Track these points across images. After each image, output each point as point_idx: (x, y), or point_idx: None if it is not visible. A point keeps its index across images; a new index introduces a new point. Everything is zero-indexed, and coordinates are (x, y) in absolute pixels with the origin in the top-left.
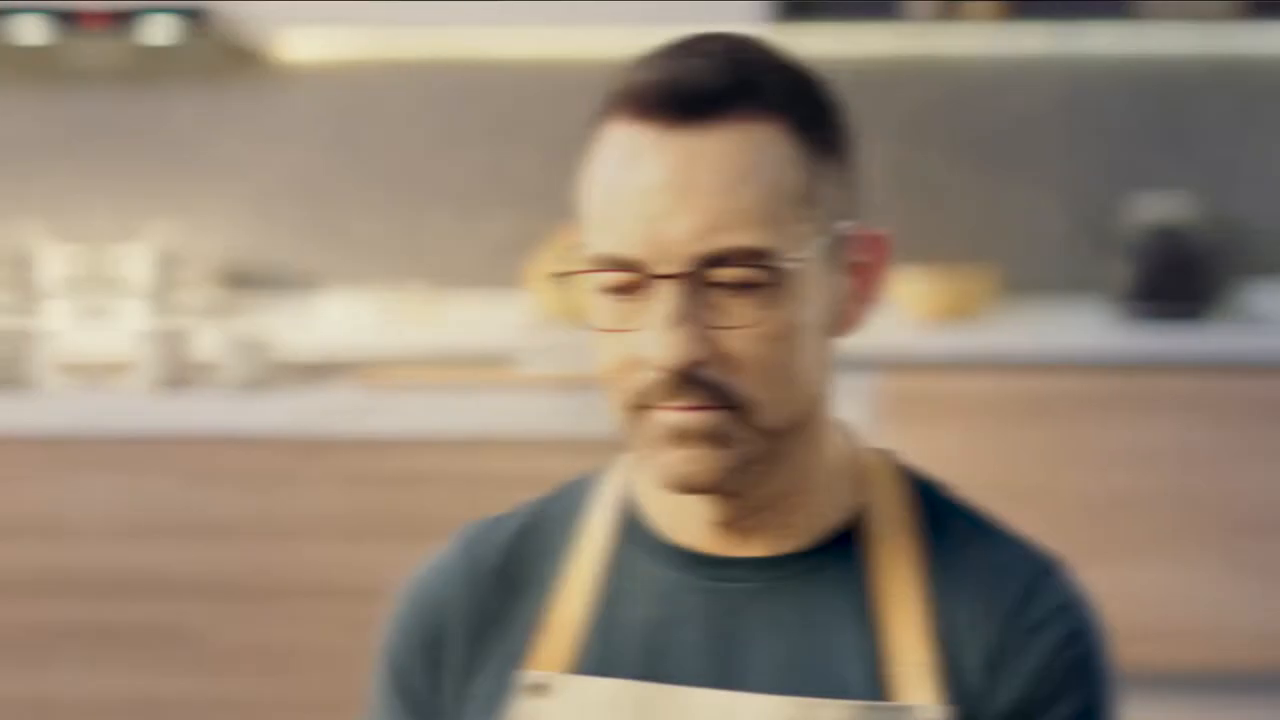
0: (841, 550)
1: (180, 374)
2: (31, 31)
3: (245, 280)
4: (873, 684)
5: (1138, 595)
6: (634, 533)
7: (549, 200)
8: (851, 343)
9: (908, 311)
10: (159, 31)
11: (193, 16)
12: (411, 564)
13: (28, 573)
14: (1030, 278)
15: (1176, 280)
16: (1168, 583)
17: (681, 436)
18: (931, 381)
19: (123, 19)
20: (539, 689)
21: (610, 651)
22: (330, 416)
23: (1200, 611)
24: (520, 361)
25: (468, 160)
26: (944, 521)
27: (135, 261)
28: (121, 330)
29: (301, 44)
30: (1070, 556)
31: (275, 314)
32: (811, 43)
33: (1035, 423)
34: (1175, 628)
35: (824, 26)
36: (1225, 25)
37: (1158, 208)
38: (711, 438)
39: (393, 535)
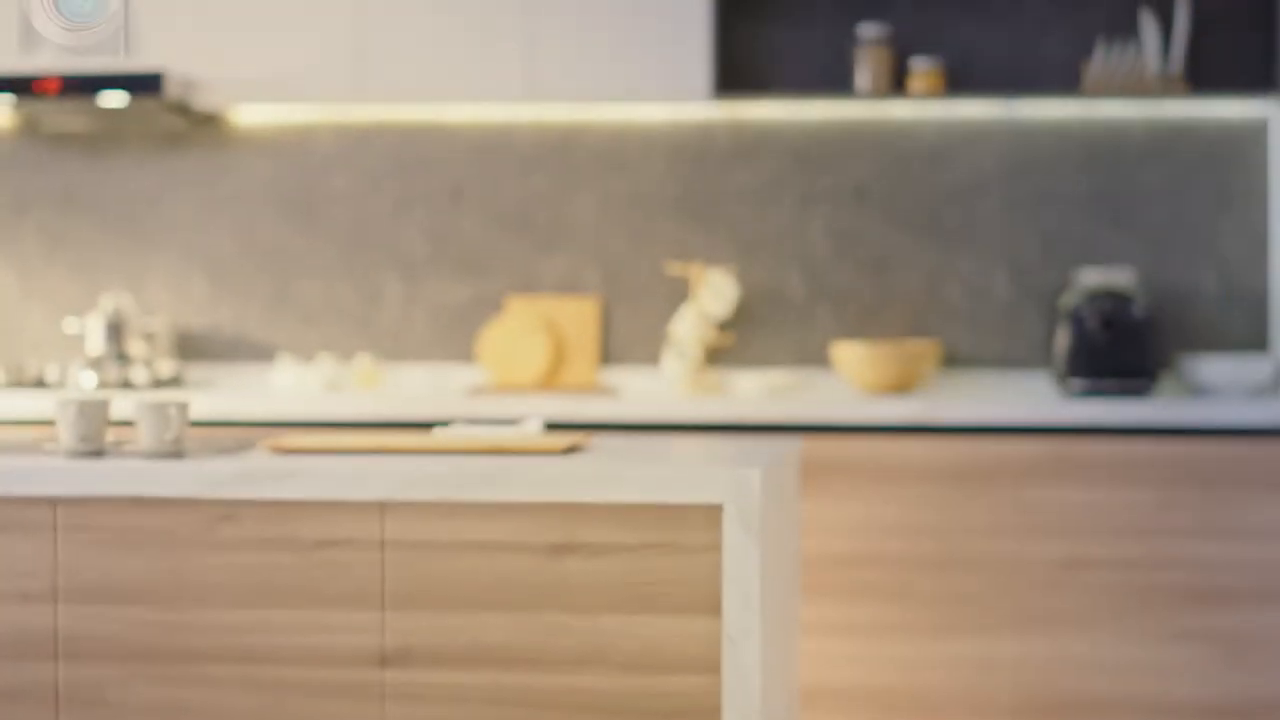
0: None
1: (97, 439)
2: None
3: (196, 347)
4: None
5: (1079, 664)
6: None
7: (498, 269)
8: (789, 409)
9: (850, 382)
10: (113, 97)
11: (146, 83)
12: (323, 628)
13: None
14: (973, 349)
15: (1118, 351)
16: (1110, 652)
17: None
18: (871, 448)
19: (78, 85)
20: None
21: None
22: (243, 481)
23: (1142, 681)
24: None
25: (418, 227)
26: None
27: (89, 327)
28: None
29: (254, 110)
30: (1011, 624)
31: (225, 381)
32: (756, 112)
33: (976, 490)
34: (1117, 698)
35: (768, 99)
36: (1165, 98)
37: (1100, 279)
38: None
39: (304, 600)
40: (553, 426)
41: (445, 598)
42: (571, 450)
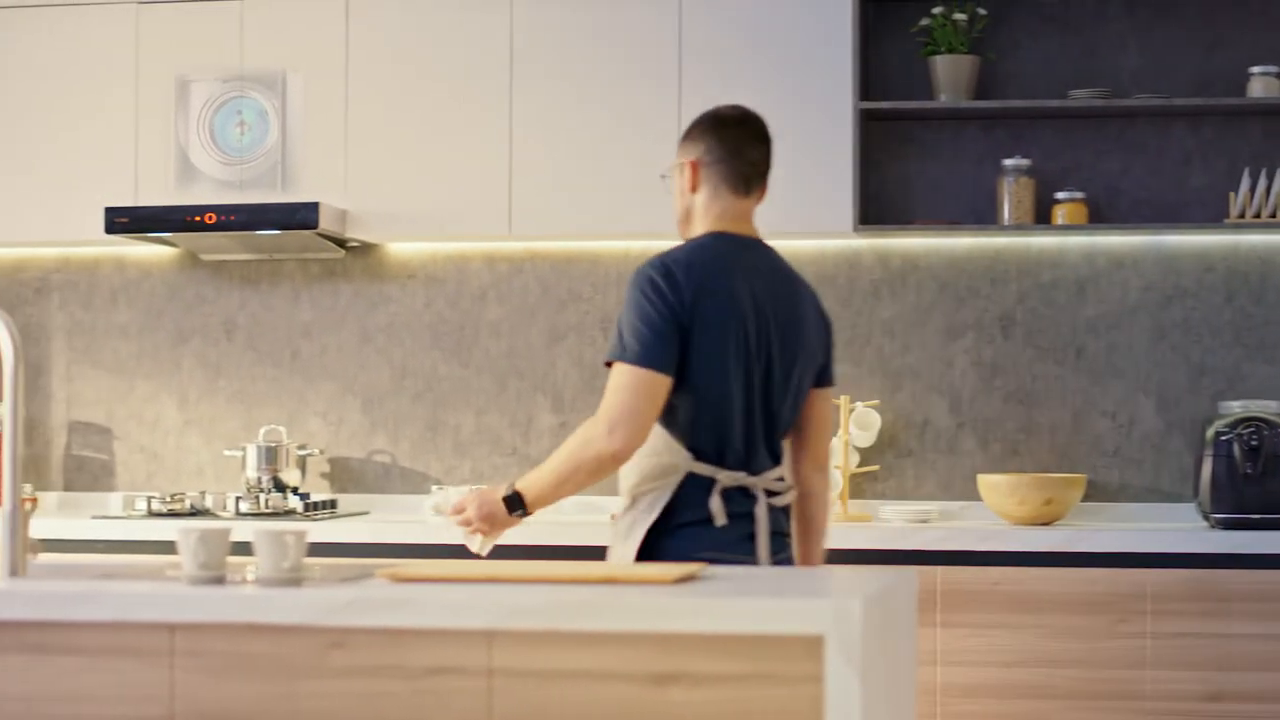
0: None
1: (217, 566)
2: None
3: (350, 476)
4: None
5: None
6: None
7: None
8: (933, 538)
9: (994, 513)
10: (269, 229)
11: (302, 215)
12: None
13: None
14: (1119, 480)
15: (1264, 481)
16: None
17: None
18: (1014, 578)
19: (235, 217)
20: None
21: None
22: (354, 609)
23: None
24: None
25: (569, 357)
26: None
27: (246, 455)
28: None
29: (407, 243)
30: None
31: (380, 509)
32: (901, 243)
33: (1117, 621)
34: None
35: (912, 231)
36: None
37: (1246, 409)
38: None
39: None
40: None
41: None
42: (684, 580)
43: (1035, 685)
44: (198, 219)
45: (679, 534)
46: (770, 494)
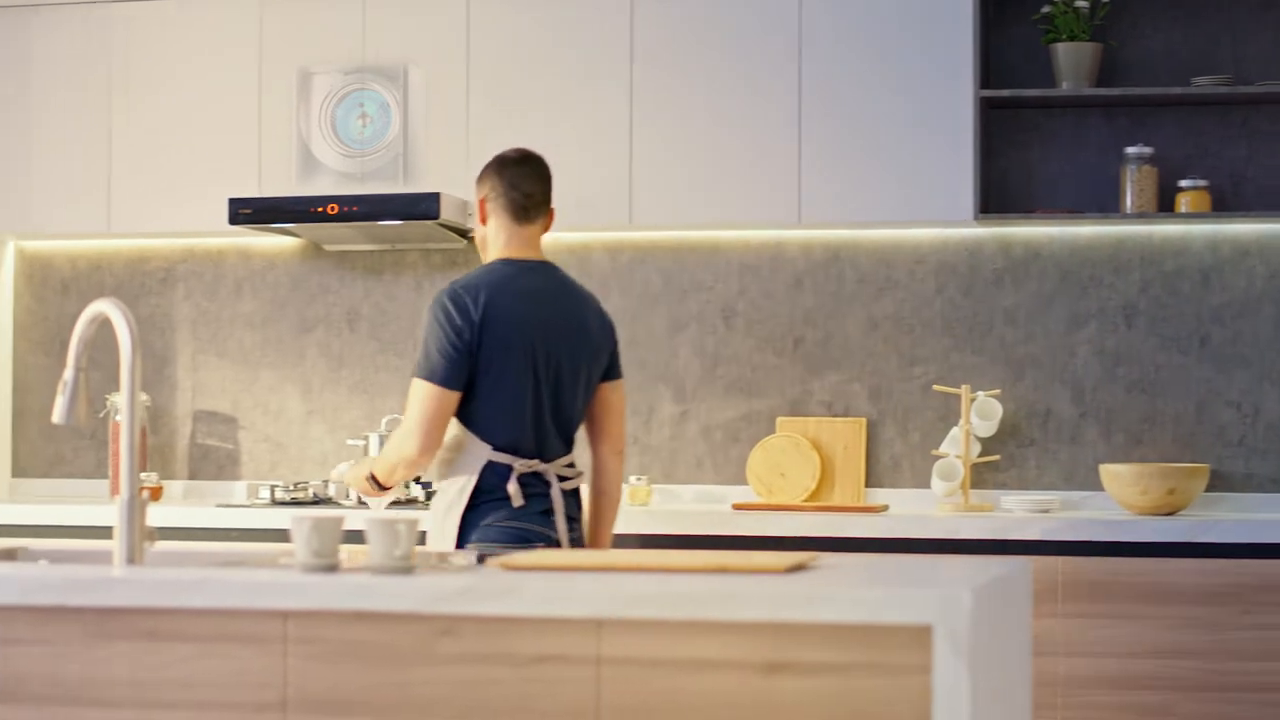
0: None
1: (330, 554)
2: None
3: None
4: None
5: None
6: None
7: (769, 389)
8: (1054, 528)
9: (1117, 503)
10: (390, 220)
11: (423, 205)
12: None
13: None
14: (1243, 470)
15: None
16: None
17: None
18: (1136, 568)
19: (356, 207)
20: None
21: None
22: (464, 597)
23: None
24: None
25: (691, 347)
26: None
27: (369, 444)
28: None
29: None
30: None
31: None
32: (1022, 232)
33: (1242, 612)
34: None
35: (1034, 220)
36: None
37: None
38: None
39: (520, 715)
40: (821, 544)
41: (659, 715)
42: (796, 569)
43: (1158, 676)
44: (320, 210)
45: (483, 508)
46: (562, 479)
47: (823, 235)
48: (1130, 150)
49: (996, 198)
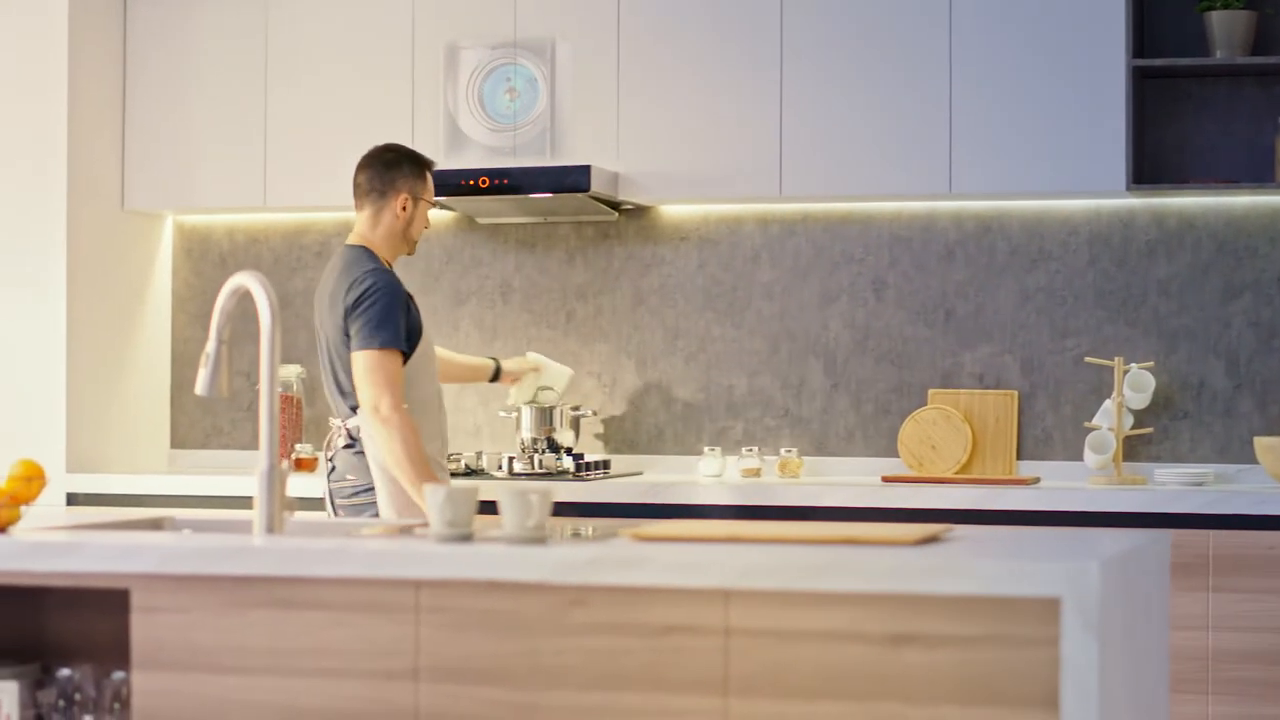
0: None
1: (464, 524)
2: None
3: (624, 437)
4: None
5: None
6: None
7: (919, 361)
8: (1207, 502)
9: (1272, 476)
10: (544, 194)
11: (574, 178)
12: (667, 713)
13: (285, 711)
14: None
15: None
16: None
17: None
18: None
19: (506, 180)
20: None
21: None
22: (594, 567)
23: None
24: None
25: (842, 319)
26: None
27: (521, 416)
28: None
29: (678, 205)
30: None
31: (652, 469)
32: (1176, 203)
33: None
34: None
35: (1187, 191)
36: None
37: None
38: None
39: (650, 685)
40: (970, 517)
41: (786, 685)
42: (928, 541)
43: None
44: (470, 183)
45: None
46: (351, 438)
47: (974, 206)
48: None
49: (1149, 168)
